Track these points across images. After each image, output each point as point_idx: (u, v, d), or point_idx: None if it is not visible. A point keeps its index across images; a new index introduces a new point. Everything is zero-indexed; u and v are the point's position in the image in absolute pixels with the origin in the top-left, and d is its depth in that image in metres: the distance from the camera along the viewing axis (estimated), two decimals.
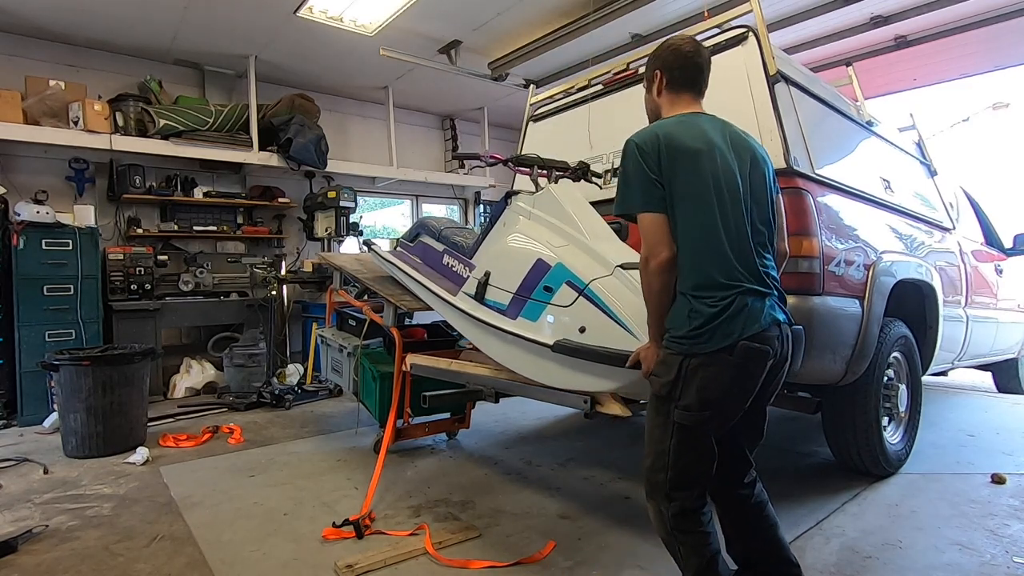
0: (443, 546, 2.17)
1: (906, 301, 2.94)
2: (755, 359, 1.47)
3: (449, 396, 2.91)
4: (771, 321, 1.50)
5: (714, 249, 1.49)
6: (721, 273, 1.48)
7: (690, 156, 1.53)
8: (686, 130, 1.58)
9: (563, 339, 1.97)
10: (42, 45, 4.97)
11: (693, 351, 1.46)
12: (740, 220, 1.53)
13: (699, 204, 1.51)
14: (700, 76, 1.71)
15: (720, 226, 1.50)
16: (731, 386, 1.48)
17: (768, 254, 1.60)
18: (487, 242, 2.52)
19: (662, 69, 1.71)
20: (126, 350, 3.69)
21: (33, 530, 2.34)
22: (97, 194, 5.18)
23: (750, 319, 1.46)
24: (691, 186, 1.52)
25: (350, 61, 5.66)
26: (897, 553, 2.09)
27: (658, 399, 1.54)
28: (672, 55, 1.69)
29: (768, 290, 1.53)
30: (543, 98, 3.54)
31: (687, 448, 1.50)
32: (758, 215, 1.58)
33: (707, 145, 1.56)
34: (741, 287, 1.47)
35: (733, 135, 1.65)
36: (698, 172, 1.52)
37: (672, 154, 1.53)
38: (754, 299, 1.48)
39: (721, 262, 1.49)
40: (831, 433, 2.80)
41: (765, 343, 1.48)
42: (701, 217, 1.50)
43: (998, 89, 9.75)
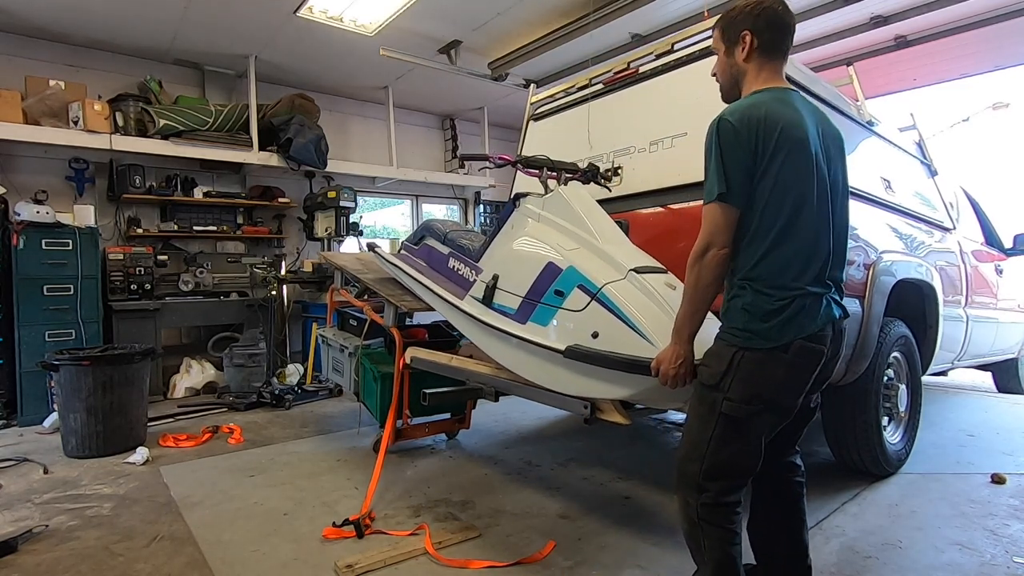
0: (443, 546, 2.17)
1: (906, 301, 2.94)
2: (809, 358, 1.45)
3: (449, 394, 2.90)
4: (827, 320, 1.46)
5: (791, 248, 1.43)
6: (791, 273, 1.43)
7: (791, 144, 1.42)
8: (787, 112, 1.46)
9: (575, 344, 1.95)
10: (42, 45, 4.97)
11: (748, 345, 1.42)
12: (824, 221, 1.47)
13: (787, 199, 1.42)
14: (790, 41, 1.57)
15: (803, 226, 1.43)
16: (783, 384, 1.44)
17: (840, 254, 1.54)
18: (494, 245, 2.51)
19: (753, 30, 1.53)
20: (126, 350, 3.69)
21: (33, 530, 2.34)
22: (97, 194, 5.18)
23: (808, 319, 1.42)
24: (785, 178, 1.42)
25: (350, 61, 5.66)
26: (897, 553, 2.09)
27: (704, 388, 1.49)
28: (766, 14, 1.53)
29: (827, 289, 1.49)
30: (543, 97, 3.54)
31: (730, 440, 1.45)
32: (838, 215, 1.53)
33: (807, 133, 1.46)
34: (804, 290, 1.43)
35: (823, 121, 1.58)
36: (795, 164, 1.43)
37: (773, 138, 1.41)
38: (813, 300, 1.44)
39: (794, 262, 1.43)
40: (831, 433, 2.80)
41: (820, 343, 1.45)
42: (787, 213, 1.42)
43: (998, 89, 9.75)
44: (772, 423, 1.49)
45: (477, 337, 2.47)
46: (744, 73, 1.59)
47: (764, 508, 1.70)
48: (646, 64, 2.92)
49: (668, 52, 2.83)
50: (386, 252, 3.21)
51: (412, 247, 3.16)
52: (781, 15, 1.54)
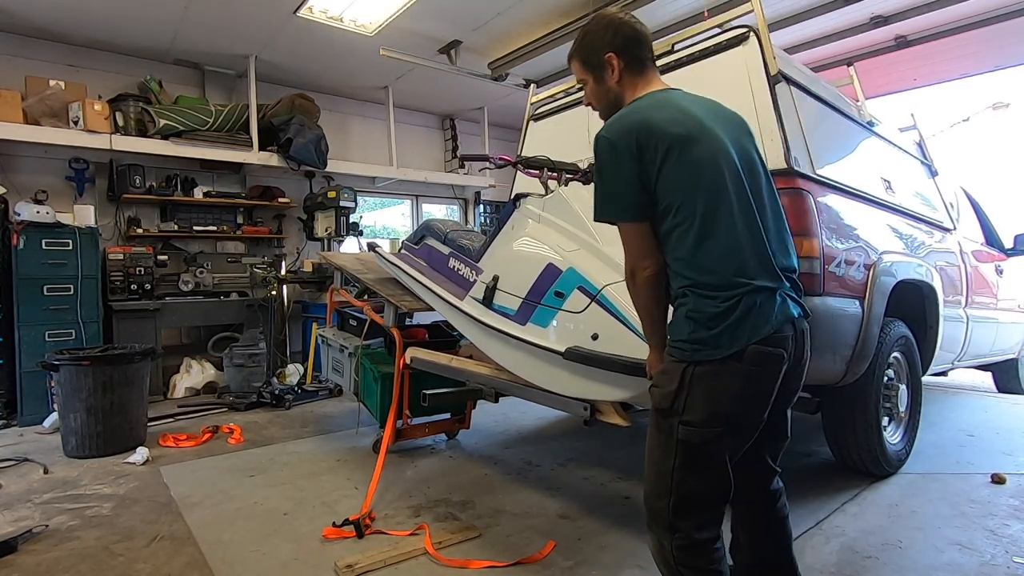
0: (443, 546, 2.17)
1: (906, 301, 2.94)
2: (768, 364, 1.30)
3: (449, 395, 2.91)
4: (784, 319, 1.32)
5: (721, 241, 1.31)
6: (730, 268, 1.30)
7: (679, 140, 1.33)
8: (665, 113, 1.38)
9: (575, 346, 1.95)
10: (42, 45, 4.97)
11: (697, 358, 1.29)
12: (746, 206, 1.34)
13: (695, 196, 1.32)
14: (649, 48, 1.53)
15: (726, 216, 1.32)
16: (743, 397, 1.30)
17: (780, 240, 1.42)
18: (495, 246, 2.51)
19: (615, 51, 1.48)
20: (126, 350, 3.69)
21: (33, 530, 2.34)
22: (97, 194, 5.18)
23: (761, 319, 1.28)
24: (683, 177, 1.32)
25: (350, 61, 5.66)
26: (897, 553, 2.09)
27: (659, 413, 1.35)
28: (622, 31, 1.49)
29: (780, 283, 1.35)
30: (543, 98, 3.54)
31: (693, 470, 1.31)
32: (763, 196, 1.41)
33: (694, 126, 1.37)
34: (750, 284, 1.29)
35: (715, 109, 1.48)
36: (689, 161, 1.33)
37: (654, 144, 1.32)
38: (765, 296, 1.30)
39: (730, 255, 1.30)
40: (831, 433, 2.80)
41: (779, 345, 1.31)
42: (703, 206, 1.31)
43: (998, 89, 9.77)
44: (737, 443, 1.35)
45: (477, 338, 2.47)
46: (621, 94, 1.53)
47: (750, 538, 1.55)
48: None
49: (668, 52, 2.82)
50: (386, 252, 3.21)
51: (412, 247, 3.16)
52: (634, 27, 1.52)
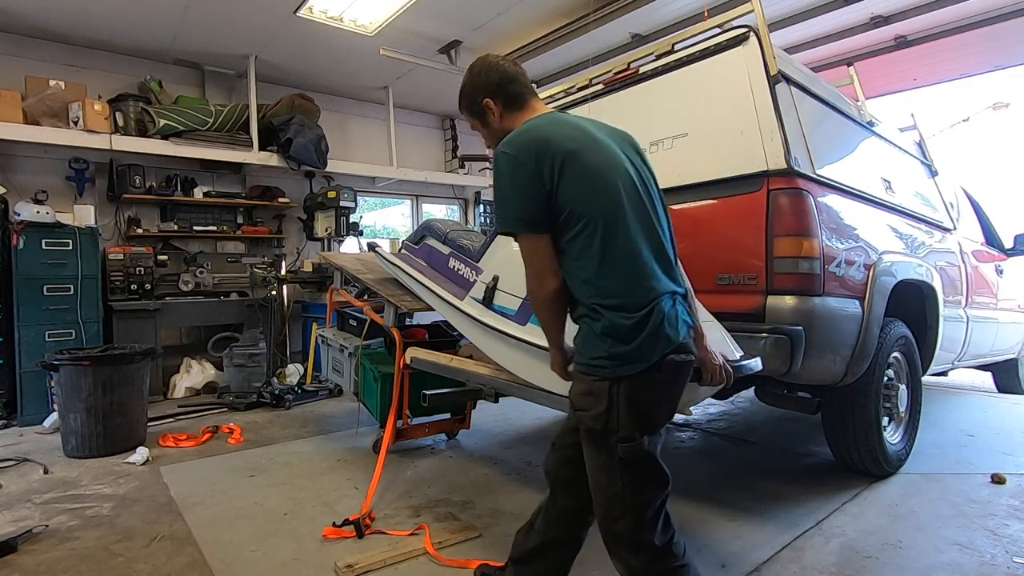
0: (443, 546, 2.17)
1: (906, 301, 2.94)
2: (681, 373, 1.35)
3: (449, 395, 2.91)
4: (688, 326, 1.37)
5: (624, 256, 1.33)
6: (635, 278, 1.33)
7: (572, 155, 1.36)
8: (561, 129, 1.42)
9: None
10: (42, 45, 4.97)
11: (620, 374, 1.30)
12: (643, 213, 1.38)
13: (594, 203, 1.34)
14: (523, 82, 1.58)
15: (627, 229, 1.34)
16: (662, 403, 1.35)
17: (673, 248, 1.46)
18: (495, 246, 2.51)
19: (490, 95, 1.56)
20: (126, 350, 3.69)
21: (33, 530, 2.33)
22: (97, 194, 5.18)
23: (671, 329, 1.32)
24: (582, 186, 1.35)
25: (350, 61, 5.66)
26: (897, 553, 2.09)
27: (593, 435, 1.35)
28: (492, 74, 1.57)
29: (678, 288, 1.40)
30: (543, 97, 3.54)
31: (641, 483, 1.33)
32: (657, 208, 1.45)
33: (587, 139, 1.41)
34: (657, 292, 1.33)
35: (605, 127, 1.54)
36: (585, 170, 1.36)
37: (551, 157, 1.35)
38: (671, 304, 1.35)
39: (632, 265, 1.33)
40: (831, 433, 2.80)
41: (688, 352, 1.36)
42: (600, 216, 1.33)
43: (998, 89, 9.77)
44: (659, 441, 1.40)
45: (477, 338, 2.47)
46: (509, 128, 1.53)
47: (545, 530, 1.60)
48: (646, 64, 2.92)
49: (668, 52, 2.82)
50: (386, 252, 3.21)
51: (412, 247, 3.16)
52: (501, 69, 1.56)
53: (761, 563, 2.03)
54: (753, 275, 2.36)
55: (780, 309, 2.29)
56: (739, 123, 2.47)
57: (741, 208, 2.43)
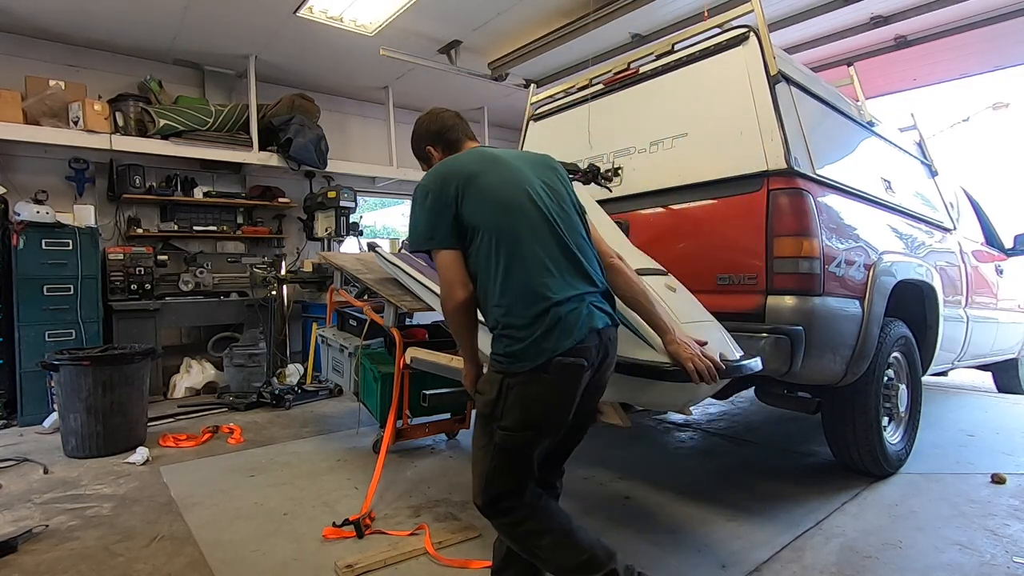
0: (443, 546, 2.17)
1: (906, 301, 2.94)
2: (570, 375, 1.45)
3: (449, 395, 2.90)
4: (587, 330, 1.46)
5: (520, 264, 1.47)
6: (530, 287, 1.45)
7: (473, 176, 1.55)
8: (470, 157, 1.66)
9: None
10: (42, 45, 4.97)
11: (511, 370, 1.44)
12: (545, 228, 1.52)
13: (493, 217, 1.51)
14: (459, 130, 1.82)
15: (524, 239, 1.49)
16: (550, 403, 1.46)
17: (585, 254, 1.57)
18: None
19: (432, 143, 1.83)
20: (126, 350, 3.69)
21: (33, 530, 2.33)
22: (97, 194, 5.18)
23: (563, 334, 1.42)
24: (482, 201, 1.52)
25: (350, 61, 5.66)
26: (897, 553, 2.09)
27: (481, 418, 1.53)
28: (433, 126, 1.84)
29: (586, 294, 1.50)
30: (543, 97, 3.54)
31: (505, 469, 1.49)
32: (566, 217, 1.59)
33: (490, 162, 1.61)
34: (552, 299, 1.44)
35: (521, 154, 1.73)
36: (485, 187, 1.54)
37: (458, 181, 1.54)
38: (570, 310, 1.45)
39: (530, 277, 1.46)
40: (831, 433, 2.80)
41: (580, 356, 1.44)
42: (502, 234, 1.49)
43: (998, 89, 9.76)
44: (543, 442, 1.51)
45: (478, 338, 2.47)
46: None
47: None
48: (646, 64, 2.92)
49: (668, 52, 2.83)
50: (386, 252, 3.21)
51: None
52: (440, 120, 1.84)
53: (761, 563, 2.03)
54: (753, 275, 2.37)
55: (780, 309, 2.29)
56: (739, 123, 2.47)
57: (741, 208, 2.43)
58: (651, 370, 1.73)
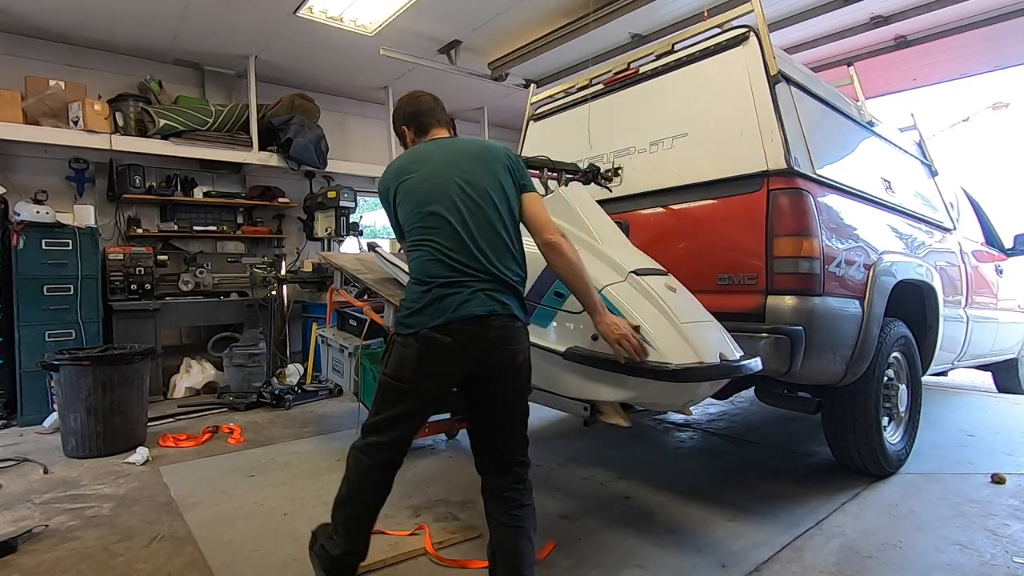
0: (443, 546, 2.17)
1: (906, 301, 2.94)
2: (435, 347, 1.63)
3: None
4: (463, 314, 1.62)
5: (424, 251, 1.70)
6: (423, 269, 1.69)
7: (403, 179, 1.79)
8: (411, 156, 1.86)
9: (575, 346, 1.94)
10: (42, 45, 4.96)
11: (397, 332, 1.73)
12: (448, 225, 1.69)
13: (412, 213, 1.75)
14: (432, 115, 1.97)
15: (431, 232, 1.70)
16: (417, 367, 1.67)
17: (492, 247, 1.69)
18: None
19: (406, 124, 1.99)
20: (126, 350, 3.69)
21: (33, 530, 2.33)
22: (97, 194, 5.18)
23: (435, 313, 1.63)
24: (408, 200, 1.77)
25: (350, 61, 5.66)
26: (897, 553, 2.09)
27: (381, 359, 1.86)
28: (406, 111, 1.99)
29: (472, 281, 1.65)
30: (543, 97, 3.54)
31: (384, 405, 1.75)
32: (477, 212, 1.71)
33: (419, 164, 1.81)
34: (434, 283, 1.65)
35: (459, 148, 1.85)
36: (409, 188, 1.77)
37: (395, 182, 1.81)
38: (452, 292, 1.64)
39: (426, 260, 1.69)
40: (831, 433, 2.80)
41: (447, 335, 1.62)
42: (415, 223, 1.73)
43: (998, 89, 9.76)
44: (419, 404, 1.74)
45: None
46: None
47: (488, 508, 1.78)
48: (646, 64, 2.93)
49: (668, 52, 2.83)
50: (386, 252, 3.21)
51: None
52: (414, 103, 1.99)
53: (761, 563, 2.03)
54: (753, 275, 2.37)
55: (780, 309, 2.29)
56: (739, 123, 2.47)
57: (741, 208, 2.43)
58: (651, 370, 1.74)
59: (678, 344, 1.80)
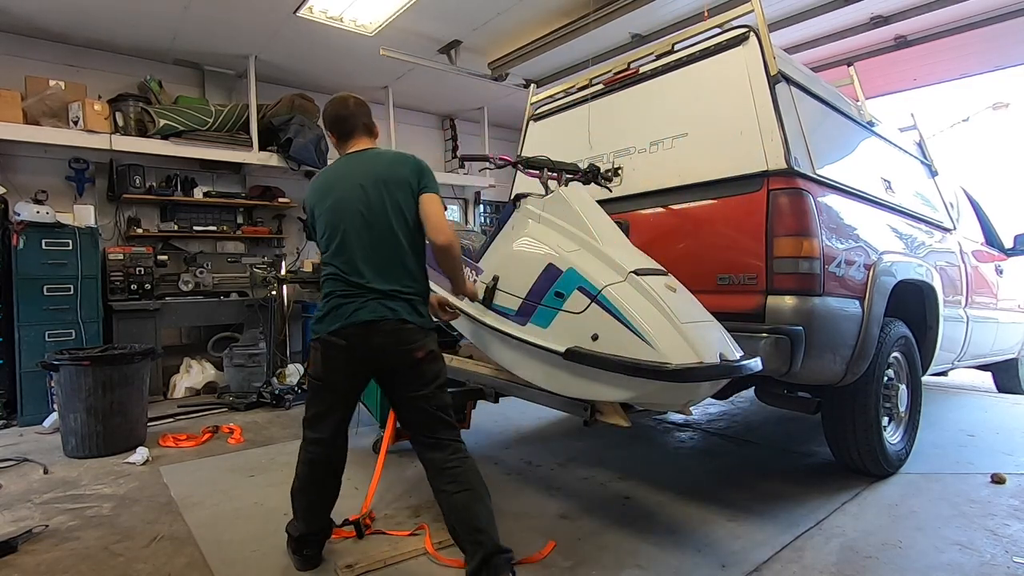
0: (443, 546, 2.17)
1: (906, 301, 2.94)
2: (333, 349, 1.93)
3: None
4: (357, 320, 1.89)
5: (332, 267, 1.98)
6: (328, 287, 1.98)
7: (321, 195, 2.03)
8: (331, 173, 2.09)
9: (575, 347, 1.94)
10: (42, 45, 4.97)
11: (312, 337, 2.02)
12: (344, 247, 1.95)
13: (322, 230, 2.02)
14: (351, 122, 2.11)
15: (331, 247, 1.97)
16: (323, 365, 1.96)
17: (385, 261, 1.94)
18: (495, 246, 2.51)
19: (329, 129, 2.16)
20: (126, 350, 3.69)
21: (33, 530, 2.33)
22: (97, 194, 5.19)
23: (334, 319, 1.92)
24: (320, 217, 2.02)
25: (350, 61, 5.66)
26: (897, 553, 2.09)
27: None
28: (328, 116, 2.13)
29: (364, 292, 1.91)
30: (543, 97, 3.54)
31: (310, 403, 2.05)
32: (374, 232, 1.94)
33: (334, 184, 2.03)
34: (335, 293, 1.95)
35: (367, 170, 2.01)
36: (324, 206, 2.01)
37: (313, 203, 2.06)
38: (347, 302, 1.91)
39: (329, 279, 1.98)
40: (831, 433, 2.80)
41: (341, 338, 1.91)
42: (328, 241, 1.99)
43: (998, 89, 9.75)
44: (333, 396, 1.99)
45: (477, 338, 2.47)
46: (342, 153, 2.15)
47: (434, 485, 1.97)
48: (646, 64, 2.92)
49: (668, 52, 2.83)
50: None
51: None
52: (337, 108, 2.11)
53: (761, 563, 2.03)
54: (753, 275, 2.37)
55: (780, 309, 2.29)
56: (739, 123, 2.47)
57: (741, 208, 2.43)
58: (651, 370, 1.73)
59: (678, 344, 1.80)
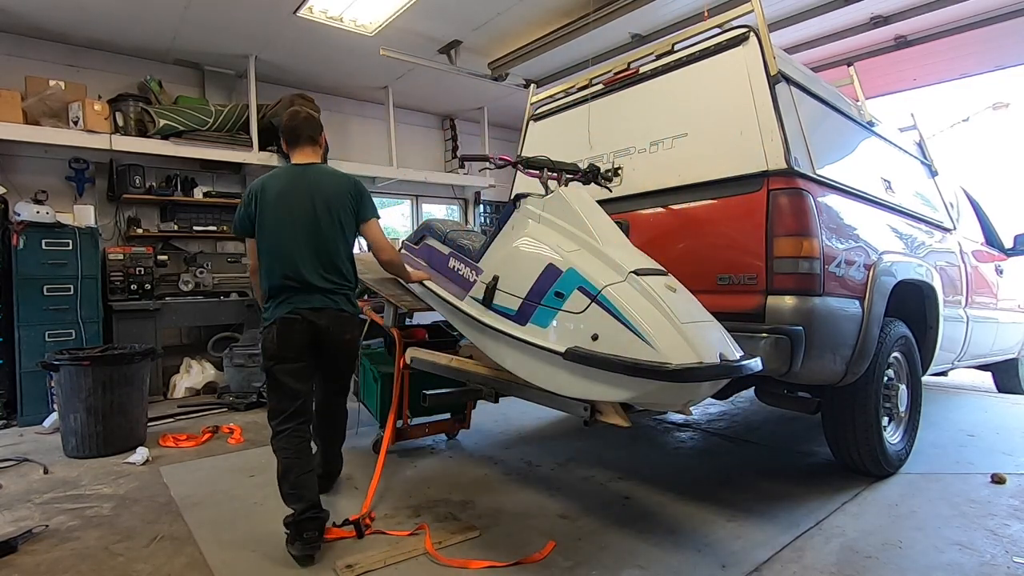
0: (443, 546, 2.17)
1: (906, 301, 2.94)
2: (288, 328, 2.28)
3: (449, 395, 2.90)
4: (299, 305, 2.30)
5: (272, 261, 2.33)
6: (273, 276, 2.33)
7: (266, 200, 2.35)
8: (274, 181, 2.39)
9: (575, 347, 1.94)
10: (42, 45, 4.97)
11: (264, 322, 2.35)
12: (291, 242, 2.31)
13: (264, 231, 2.35)
14: (299, 135, 2.46)
15: (275, 246, 2.32)
16: (279, 344, 2.28)
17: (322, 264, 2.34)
18: (495, 246, 2.51)
19: (282, 135, 2.52)
20: (126, 350, 3.69)
21: (33, 530, 2.33)
22: (97, 194, 5.19)
23: (283, 306, 2.30)
24: (263, 220, 2.35)
25: (350, 61, 5.66)
26: (897, 553, 2.09)
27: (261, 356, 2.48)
28: (283, 125, 2.49)
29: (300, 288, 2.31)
30: (543, 97, 3.54)
31: (272, 390, 2.32)
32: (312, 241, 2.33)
33: (279, 191, 2.36)
34: (282, 284, 2.31)
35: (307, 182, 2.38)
36: (267, 211, 2.34)
37: (258, 199, 2.36)
38: (291, 293, 2.31)
39: (273, 270, 2.33)
40: (831, 433, 2.80)
41: (296, 315, 2.29)
42: (266, 240, 2.35)
43: (998, 89, 9.76)
44: (288, 374, 2.28)
45: (477, 338, 2.47)
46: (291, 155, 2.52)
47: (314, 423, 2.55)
48: (646, 64, 2.92)
49: (668, 52, 2.83)
50: None
51: (412, 247, 3.16)
52: (289, 118, 2.48)
53: (761, 563, 2.03)
54: (753, 275, 2.37)
55: (780, 309, 2.29)
56: (739, 123, 2.47)
57: (741, 208, 2.43)
58: (651, 370, 1.73)
59: (678, 344, 1.80)
